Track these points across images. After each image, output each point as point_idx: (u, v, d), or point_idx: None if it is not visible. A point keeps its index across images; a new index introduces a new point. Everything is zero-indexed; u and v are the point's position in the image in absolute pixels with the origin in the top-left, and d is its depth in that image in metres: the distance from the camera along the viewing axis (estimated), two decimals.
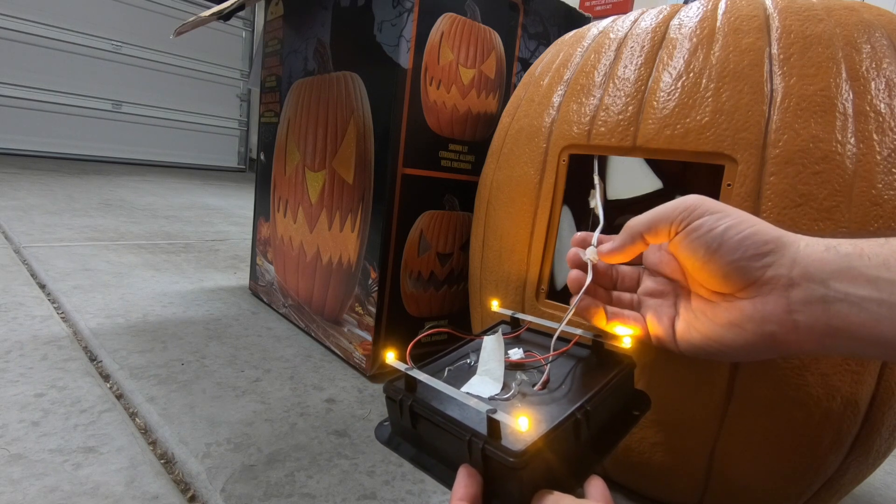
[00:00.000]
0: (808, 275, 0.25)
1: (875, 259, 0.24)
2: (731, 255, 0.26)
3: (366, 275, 0.65)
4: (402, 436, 0.30)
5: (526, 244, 0.48)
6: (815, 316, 0.25)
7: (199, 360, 0.65)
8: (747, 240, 0.26)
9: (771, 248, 0.26)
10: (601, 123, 0.43)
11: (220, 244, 1.33)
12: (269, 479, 0.45)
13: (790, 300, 0.25)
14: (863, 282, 0.24)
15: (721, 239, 0.27)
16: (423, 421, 0.27)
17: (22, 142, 2.82)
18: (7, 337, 0.65)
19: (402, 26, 0.59)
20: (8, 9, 2.67)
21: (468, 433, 0.25)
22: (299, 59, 0.79)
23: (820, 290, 0.24)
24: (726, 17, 0.40)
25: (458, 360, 0.33)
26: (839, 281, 0.24)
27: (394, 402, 0.29)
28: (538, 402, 0.28)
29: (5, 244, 1.06)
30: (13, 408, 0.50)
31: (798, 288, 0.25)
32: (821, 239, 0.26)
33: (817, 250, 0.25)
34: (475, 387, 0.29)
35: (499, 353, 0.30)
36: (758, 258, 0.26)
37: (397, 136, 0.61)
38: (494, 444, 0.24)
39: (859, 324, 0.24)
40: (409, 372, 0.28)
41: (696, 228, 0.28)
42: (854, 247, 0.25)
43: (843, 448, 0.37)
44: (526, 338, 0.36)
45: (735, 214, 0.28)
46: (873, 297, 0.23)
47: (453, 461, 0.26)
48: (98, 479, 0.42)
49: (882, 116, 0.35)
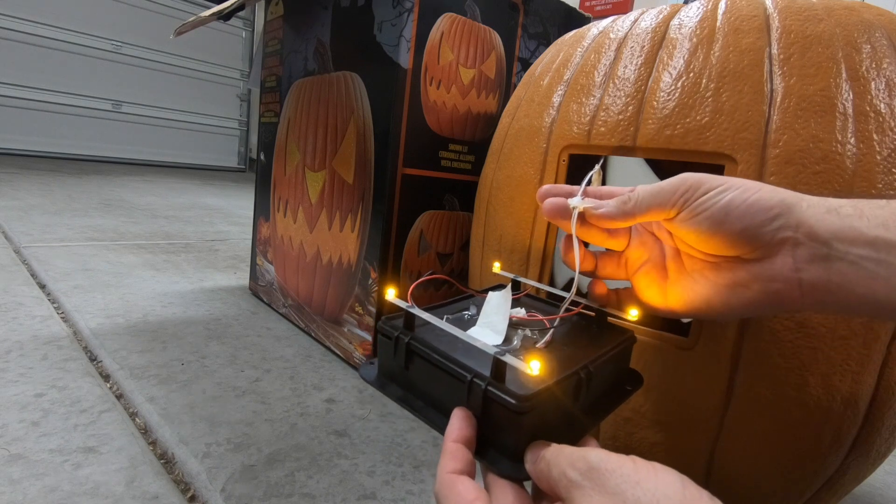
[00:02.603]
0: (813, 234, 0.25)
1: (874, 220, 0.25)
2: (739, 223, 0.27)
3: (366, 275, 0.65)
4: (390, 377, 0.29)
5: (526, 244, 0.48)
6: (818, 274, 0.25)
7: (199, 360, 0.65)
8: (753, 207, 0.26)
9: (777, 212, 0.26)
10: (601, 123, 0.43)
11: (220, 244, 1.33)
12: (269, 479, 0.45)
13: (796, 259, 0.26)
14: (862, 242, 0.24)
15: (726, 210, 0.27)
16: (419, 361, 0.26)
17: (22, 142, 2.82)
18: (7, 337, 0.65)
19: (402, 26, 0.59)
20: (8, 9, 2.67)
21: (470, 373, 0.24)
22: (299, 59, 0.79)
23: (823, 249, 0.25)
24: (726, 17, 0.40)
25: (457, 312, 0.32)
26: (840, 241, 0.25)
27: (388, 340, 0.27)
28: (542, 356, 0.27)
29: (5, 244, 1.06)
30: (13, 408, 0.50)
31: (803, 247, 0.26)
32: (822, 199, 0.27)
33: (820, 211, 0.26)
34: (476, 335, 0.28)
35: (504, 308, 0.29)
36: (767, 223, 0.26)
37: (397, 136, 0.61)
38: (499, 386, 0.23)
39: (856, 281, 0.24)
40: (409, 309, 0.27)
41: (697, 208, 0.28)
42: (854, 208, 0.26)
43: (843, 448, 0.37)
44: (526, 302, 0.35)
45: (736, 183, 0.28)
46: (871, 257, 0.24)
47: (446, 405, 0.25)
48: (98, 479, 0.42)
49: (882, 116, 0.35)
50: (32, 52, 2.79)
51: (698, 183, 0.28)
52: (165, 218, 1.56)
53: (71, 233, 1.21)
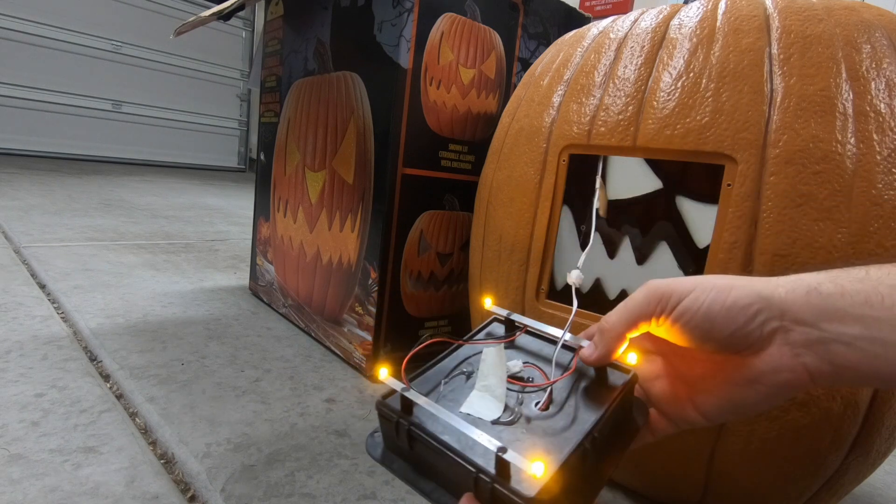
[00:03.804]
0: (799, 319, 0.25)
1: (856, 297, 0.24)
2: (725, 330, 0.26)
3: (366, 275, 0.65)
4: (395, 452, 0.29)
5: (526, 244, 0.48)
6: (819, 355, 0.25)
7: (199, 360, 0.65)
8: (733, 309, 0.26)
9: (757, 308, 0.26)
10: (601, 123, 0.43)
11: (220, 244, 1.33)
12: (269, 479, 0.45)
13: (792, 345, 0.25)
14: (850, 321, 0.24)
15: (708, 318, 0.26)
16: (421, 444, 0.26)
17: (22, 142, 2.82)
18: (7, 337, 0.65)
19: (402, 26, 0.59)
20: (8, 9, 2.67)
21: (474, 469, 0.24)
22: (299, 59, 0.79)
23: (814, 332, 0.25)
24: (726, 17, 0.40)
25: (453, 371, 0.32)
26: (828, 322, 0.24)
27: (389, 422, 0.27)
28: (543, 428, 0.27)
29: (5, 244, 1.06)
30: (13, 408, 0.50)
31: (794, 332, 0.25)
32: (797, 279, 0.26)
33: (800, 295, 0.25)
34: (475, 405, 0.28)
35: (500, 368, 0.29)
36: (750, 321, 0.26)
37: (397, 136, 0.61)
38: (505, 486, 0.23)
39: (857, 361, 0.24)
40: (405, 393, 0.27)
41: (680, 317, 0.27)
42: (835, 285, 0.25)
43: (843, 448, 0.37)
44: (521, 343, 0.34)
45: (706, 284, 0.27)
46: (864, 335, 0.24)
47: (453, 485, 0.25)
48: (98, 479, 0.42)
49: (882, 116, 0.35)
50: (32, 52, 2.79)
51: (667, 291, 0.27)
52: (165, 218, 1.56)
53: (71, 233, 1.21)
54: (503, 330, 0.35)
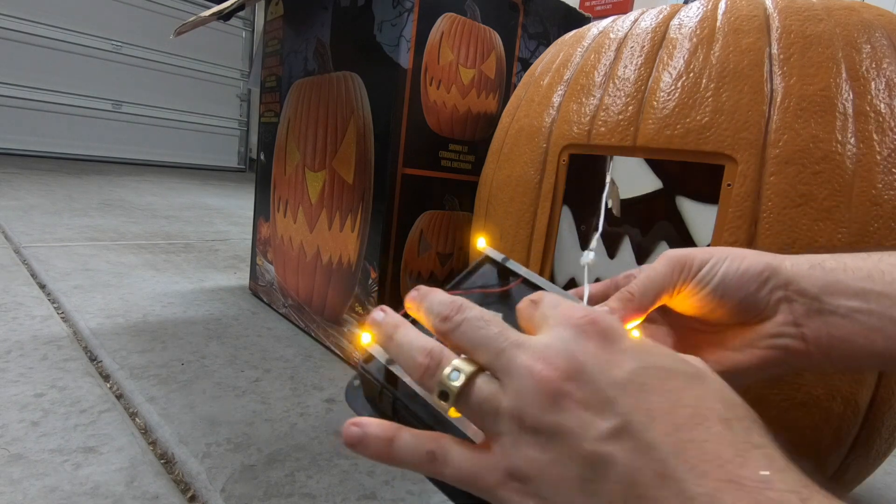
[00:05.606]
0: (802, 290, 0.26)
1: (858, 272, 0.25)
2: (737, 294, 0.27)
3: (366, 275, 0.65)
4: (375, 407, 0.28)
5: (526, 244, 0.48)
6: (818, 327, 0.26)
7: (199, 360, 0.65)
8: (745, 275, 0.27)
9: (767, 275, 0.27)
10: (601, 123, 0.43)
11: (220, 244, 1.33)
12: (269, 479, 0.45)
13: (794, 315, 0.26)
14: (850, 294, 0.25)
15: (723, 283, 0.27)
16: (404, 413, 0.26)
17: (22, 142, 2.82)
18: (7, 337, 0.65)
19: (402, 26, 0.59)
20: (8, 9, 2.67)
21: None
22: (299, 59, 0.79)
23: (815, 303, 0.26)
24: (726, 17, 0.40)
25: None
26: (829, 294, 0.25)
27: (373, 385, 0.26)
28: None
29: (5, 244, 1.06)
30: (13, 408, 0.50)
31: (797, 303, 0.26)
32: (804, 256, 0.27)
33: (803, 268, 0.26)
34: None
35: None
36: (761, 287, 0.27)
37: (397, 136, 0.61)
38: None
39: (854, 334, 0.25)
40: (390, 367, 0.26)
41: (698, 285, 0.28)
42: (837, 262, 0.26)
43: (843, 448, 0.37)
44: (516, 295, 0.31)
45: (722, 253, 0.28)
46: (862, 308, 0.25)
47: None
48: (98, 479, 0.42)
49: (882, 116, 0.35)
50: (32, 52, 2.79)
51: (689, 259, 0.28)
52: (165, 218, 1.56)
53: (71, 233, 1.21)
54: (496, 276, 0.32)
